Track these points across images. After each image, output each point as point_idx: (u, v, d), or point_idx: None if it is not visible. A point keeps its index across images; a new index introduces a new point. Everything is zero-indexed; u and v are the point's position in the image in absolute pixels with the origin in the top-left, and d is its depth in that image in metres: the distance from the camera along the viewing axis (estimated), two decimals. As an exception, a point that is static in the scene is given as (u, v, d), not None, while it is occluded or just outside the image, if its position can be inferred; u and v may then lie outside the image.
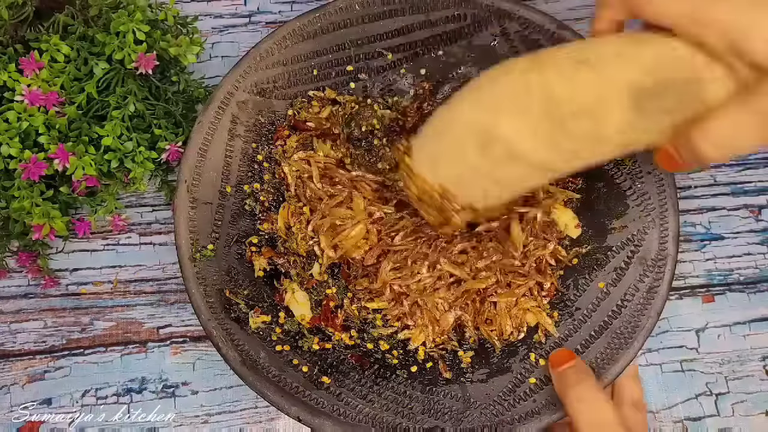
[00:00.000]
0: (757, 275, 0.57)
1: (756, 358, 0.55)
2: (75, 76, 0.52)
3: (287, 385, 0.48)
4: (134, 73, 0.52)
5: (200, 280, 0.49)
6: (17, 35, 0.52)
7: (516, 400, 0.48)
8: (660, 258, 0.49)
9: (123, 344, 0.56)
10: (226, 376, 0.55)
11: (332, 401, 0.48)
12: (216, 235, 0.51)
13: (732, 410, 0.54)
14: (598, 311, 0.50)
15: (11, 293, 0.57)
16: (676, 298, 0.56)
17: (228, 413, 0.54)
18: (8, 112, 0.49)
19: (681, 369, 0.55)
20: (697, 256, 0.57)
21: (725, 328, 0.56)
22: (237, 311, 0.50)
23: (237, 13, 0.63)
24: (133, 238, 0.58)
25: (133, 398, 0.55)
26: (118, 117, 0.51)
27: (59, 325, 0.56)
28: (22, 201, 0.50)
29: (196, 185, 0.51)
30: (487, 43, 0.54)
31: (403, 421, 0.47)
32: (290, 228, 0.53)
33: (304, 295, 0.52)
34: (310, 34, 0.54)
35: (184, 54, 0.53)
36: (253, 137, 0.54)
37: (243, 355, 0.48)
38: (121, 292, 0.57)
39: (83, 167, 0.50)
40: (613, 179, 0.52)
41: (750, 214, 0.58)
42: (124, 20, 0.50)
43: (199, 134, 0.52)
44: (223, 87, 0.52)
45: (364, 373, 0.50)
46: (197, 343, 0.56)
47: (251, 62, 0.53)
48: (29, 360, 0.55)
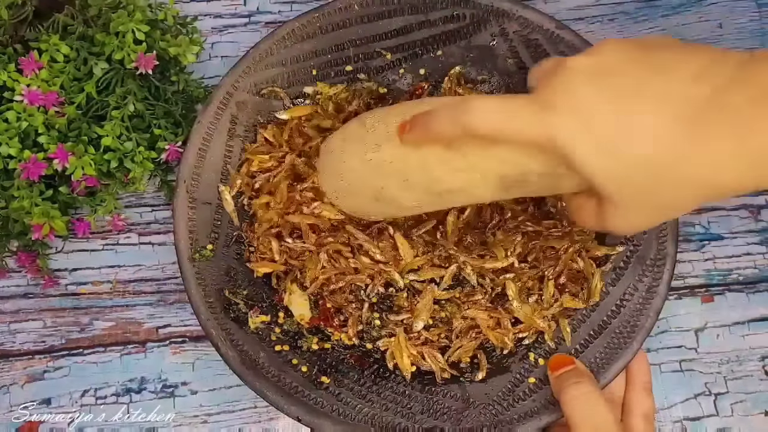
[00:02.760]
0: (757, 275, 0.57)
1: (755, 358, 0.55)
2: (74, 76, 0.52)
3: (286, 384, 0.48)
4: (134, 73, 0.52)
5: (199, 280, 0.49)
6: (17, 35, 0.52)
7: (515, 399, 0.48)
8: (659, 258, 0.49)
9: (122, 344, 0.56)
10: (226, 376, 0.55)
11: (331, 401, 0.48)
12: (215, 235, 0.51)
13: (731, 410, 0.54)
14: (597, 311, 0.50)
15: (11, 293, 0.57)
16: (675, 297, 0.56)
17: (227, 413, 0.54)
18: (8, 112, 0.49)
19: (680, 369, 0.55)
20: (697, 256, 0.57)
21: (724, 328, 0.56)
22: (236, 311, 0.50)
23: (237, 13, 0.63)
24: (132, 238, 0.58)
25: (133, 398, 0.55)
26: (117, 117, 0.51)
27: (59, 325, 0.56)
28: (21, 201, 0.50)
29: (195, 185, 0.51)
30: (486, 43, 0.54)
31: (403, 420, 0.47)
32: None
33: (303, 296, 0.52)
34: (309, 34, 0.54)
35: (183, 54, 0.53)
36: (253, 137, 0.54)
37: (242, 354, 0.48)
38: (120, 292, 0.57)
39: (83, 167, 0.50)
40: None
41: (749, 214, 0.58)
42: (124, 20, 0.50)
43: (198, 134, 0.52)
44: (222, 87, 0.52)
45: (364, 373, 0.50)
46: (197, 343, 0.56)
47: (250, 62, 0.53)
48: (29, 360, 0.55)
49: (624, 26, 0.62)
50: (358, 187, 0.46)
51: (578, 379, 0.45)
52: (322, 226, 0.51)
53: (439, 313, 0.51)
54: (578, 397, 0.44)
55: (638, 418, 0.47)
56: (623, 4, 0.62)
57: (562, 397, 0.45)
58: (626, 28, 0.62)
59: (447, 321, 0.51)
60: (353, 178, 0.46)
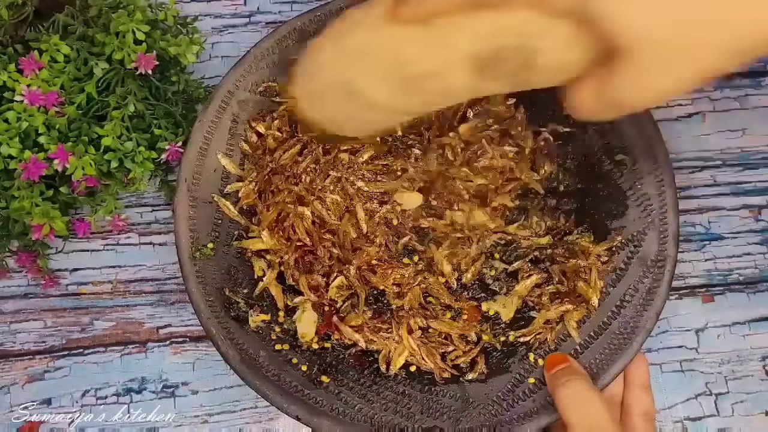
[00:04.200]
0: (757, 275, 0.57)
1: (756, 358, 0.55)
2: (75, 76, 0.52)
3: (286, 384, 0.48)
4: (134, 73, 0.52)
5: (200, 279, 0.49)
6: (17, 35, 0.53)
7: (515, 399, 0.48)
8: (660, 258, 0.49)
9: (123, 344, 0.56)
10: (226, 376, 0.55)
11: (331, 400, 0.48)
12: (216, 234, 0.51)
13: (732, 410, 0.54)
14: (598, 311, 0.50)
15: (11, 293, 0.57)
16: (676, 298, 0.56)
17: (228, 413, 0.54)
18: (8, 112, 0.49)
19: (681, 369, 0.55)
20: (697, 256, 0.57)
21: (725, 328, 0.56)
22: (236, 310, 0.50)
23: (237, 13, 0.63)
24: (132, 238, 0.58)
25: (133, 398, 0.55)
26: (117, 117, 0.51)
27: (59, 325, 0.56)
28: (22, 201, 0.50)
29: (196, 184, 0.51)
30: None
31: (402, 420, 0.47)
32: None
33: (313, 315, 0.51)
34: (311, 33, 0.54)
35: (183, 54, 0.53)
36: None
37: (242, 353, 0.48)
38: (120, 292, 0.57)
39: (83, 167, 0.50)
40: (613, 180, 0.52)
41: (750, 214, 0.58)
42: (124, 20, 0.50)
43: (199, 133, 0.52)
44: (223, 86, 0.52)
45: (363, 372, 0.50)
46: (197, 343, 0.56)
47: (252, 61, 0.53)
48: (29, 360, 0.56)
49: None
50: (329, 85, 0.43)
51: (570, 377, 0.45)
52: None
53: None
54: (571, 396, 0.44)
55: (637, 417, 0.47)
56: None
57: (555, 395, 0.45)
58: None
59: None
60: (325, 76, 0.43)
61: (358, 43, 0.40)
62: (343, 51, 0.41)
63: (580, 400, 0.43)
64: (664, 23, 0.30)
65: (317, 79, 0.43)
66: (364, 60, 0.40)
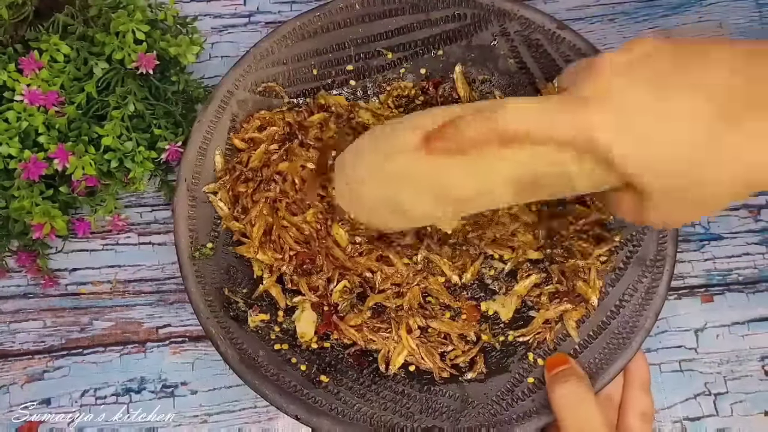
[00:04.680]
0: (756, 275, 0.57)
1: (755, 358, 0.55)
2: (75, 76, 0.52)
3: (285, 383, 0.48)
4: (134, 72, 0.52)
5: (199, 279, 0.49)
6: (17, 35, 0.53)
7: (514, 399, 0.48)
8: (659, 258, 0.49)
9: (122, 344, 0.56)
10: (225, 376, 0.55)
11: (330, 400, 0.48)
12: (215, 234, 0.52)
13: (731, 410, 0.54)
14: (597, 311, 0.50)
15: (11, 293, 0.57)
16: (675, 298, 0.56)
17: (227, 413, 0.54)
18: (8, 111, 0.49)
19: (680, 369, 0.55)
20: (696, 256, 0.57)
21: (724, 328, 0.56)
22: (236, 310, 0.50)
23: (237, 13, 0.63)
24: (132, 238, 0.58)
25: (133, 398, 0.55)
26: (117, 117, 0.51)
27: (58, 325, 0.56)
28: (22, 201, 0.50)
29: (195, 184, 0.51)
30: (487, 43, 0.54)
31: (401, 420, 0.47)
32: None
33: (312, 315, 0.51)
34: (310, 33, 0.54)
35: (183, 54, 0.53)
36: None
37: (241, 353, 0.48)
38: (120, 292, 0.57)
39: (83, 167, 0.50)
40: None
41: (749, 215, 0.58)
42: (124, 20, 0.50)
43: (199, 132, 0.52)
44: (223, 86, 0.52)
45: (363, 372, 0.50)
46: (196, 343, 0.56)
47: (251, 61, 0.53)
48: (28, 360, 0.56)
49: (624, 26, 0.62)
50: (372, 200, 0.45)
51: (566, 378, 0.45)
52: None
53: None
54: (565, 396, 0.44)
55: (634, 417, 0.47)
56: (623, 4, 0.62)
57: (550, 396, 0.45)
58: (626, 28, 0.62)
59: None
60: (366, 192, 0.45)
61: (399, 168, 0.42)
62: (381, 174, 0.43)
63: (575, 402, 0.44)
64: (674, 168, 0.34)
65: (358, 194, 0.46)
66: (405, 182, 0.42)
